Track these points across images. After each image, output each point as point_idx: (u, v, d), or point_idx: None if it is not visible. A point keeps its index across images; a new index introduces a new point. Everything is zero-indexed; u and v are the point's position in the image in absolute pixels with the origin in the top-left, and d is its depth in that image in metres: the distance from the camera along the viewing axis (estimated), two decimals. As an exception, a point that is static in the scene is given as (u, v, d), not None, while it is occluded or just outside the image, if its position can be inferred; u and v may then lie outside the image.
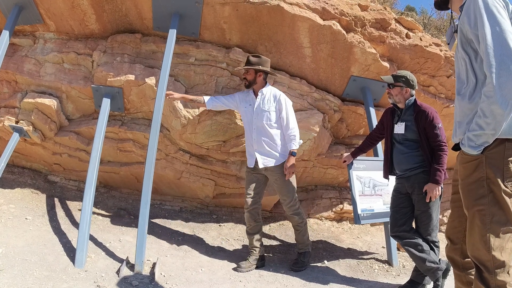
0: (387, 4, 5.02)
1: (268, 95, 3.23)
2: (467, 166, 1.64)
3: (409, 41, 3.99)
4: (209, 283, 2.82)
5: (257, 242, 3.29)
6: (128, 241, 3.38)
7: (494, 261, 1.55)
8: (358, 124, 4.44)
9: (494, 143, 1.54)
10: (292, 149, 3.13)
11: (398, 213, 2.92)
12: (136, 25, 3.66)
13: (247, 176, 3.33)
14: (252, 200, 3.25)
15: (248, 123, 3.27)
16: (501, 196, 1.55)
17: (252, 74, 3.20)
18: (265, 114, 3.17)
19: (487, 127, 1.48)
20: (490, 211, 1.56)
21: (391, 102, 2.98)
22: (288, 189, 3.22)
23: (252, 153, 3.24)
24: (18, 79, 3.70)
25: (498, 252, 1.55)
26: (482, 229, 1.57)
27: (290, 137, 3.15)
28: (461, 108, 1.67)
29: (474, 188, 1.61)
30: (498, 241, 1.55)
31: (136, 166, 4.00)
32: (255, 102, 3.23)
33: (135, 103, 3.73)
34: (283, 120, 3.18)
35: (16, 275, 2.50)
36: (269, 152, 3.19)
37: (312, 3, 3.53)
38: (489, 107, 1.45)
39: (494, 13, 1.46)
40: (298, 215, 3.28)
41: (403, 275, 3.35)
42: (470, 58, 1.62)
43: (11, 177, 4.09)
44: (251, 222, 3.28)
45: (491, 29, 1.45)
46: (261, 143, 3.19)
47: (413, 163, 2.83)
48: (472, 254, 1.64)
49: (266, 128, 3.18)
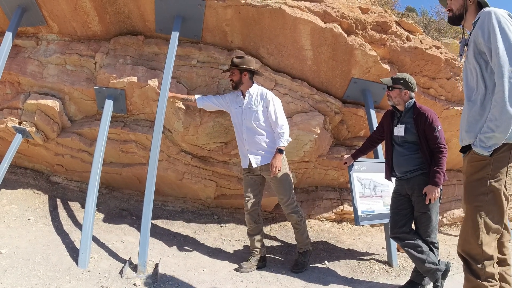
0: (387, 6, 5.06)
1: (255, 95, 3.23)
2: (474, 165, 1.79)
3: (409, 43, 4.02)
4: (211, 284, 2.85)
5: (258, 243, 3.31)
6: (130, 241, 3.40)
7: (483, 255, 1.72)
8: (359, 126, 4.46)
9: (503, 149, 1.71)
10: (279, 146, 3.10)
11: (398, 214, 2.94)
12: (138, 27, 3.69)
13: (244, 179, 3.35)
14: (251, 202, 3.28)
15: (238, 124, 3.29)
16: (500, 197, 1.71)
17: (237, 74, 3.21)
18: (253, 114, 3.18)
19: (497, 130, 1.65)
20: (487, 208, 1.72)
21: (391, 104, 3.01)
22: (284, 187, 3.23)
23: (245, 154, 3.26)
24: (21, 81, 3.73)
25: (487, 247, 1.72)
26: (476, 224, 1.73)
27: (278, 134, 3.12)
28: (472, 113, 1.81)
29: (476, 185, 1.76)
30: (487, 238, 1.72)
31: (138, 167, 4.03)
32: (244, 103, 3.25)
33: (137, 105, 3.76)
34: (271, 117, 3.15)
35: (20, 275, 2.52)
36: (260, 151, 3.20)
37: (313, 6, 3.56)
38: (499, 112, 1.64)
39: (506, 31, 1.68)
40: (297, 213, 3.29)
41: (403, 276, 3.38)
42: (481, 68, 1.79)
43: (14, 177, 4.11)
44: (251, 224, 3.30)
45: (504, 44, 1.66)
46: (252, 143, 3.20)
47: (413, 165, 2.85)
48: (462, 248, 1.81)
49: (255, 128, 3.18)
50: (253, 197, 3.29)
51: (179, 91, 3.56)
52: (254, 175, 3.31)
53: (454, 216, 5.70)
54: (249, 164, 3.24)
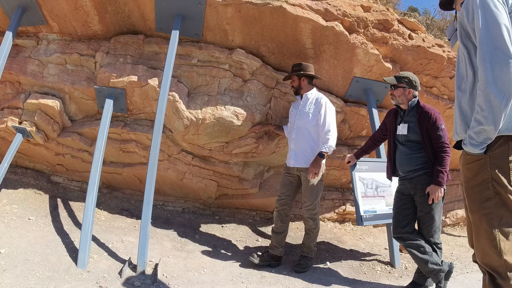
0: (389, 5, 5.02)
1: (312, 98, 3.36)
2: (470, 167, 1.58)
3: (412, 42, 3.98)
4: (211, 284, 2.82)
5: (278, 243, 3.37)
6: (131, 241, 3.38)
7: (506, 266, 1.49)
8: (361, 125, 4.43)
9: (498, 143, 1.49)
10: (322, 150, 3.16)
11: (401, 214, 2.91)
12: (139, 26, 3.67)
13: (282, 178, 3.46)
14: (282, 201, 3.38)
15: (291, 123, 3.44)
16: (507, 197, 1.49)
17: (296, 80, 3.39)
18: (306, 115, 3.30)
19: (485, 122, 1.43)
20: (497, 213, 1.51)
21: (394, 103, 2.98)
22: (312, 192, 3.27)
23: (290, 154, 3.37)
24: (21, 80, 3.72)
25: (510, 255, 1.49)
26: (491, 233, 1.51)
27: (324, 139, 3.20)
28: (463, 104, 1.63)
29: (479, 190, 1.55)
30: (508, 244, 1.49)
31: (138, 167, 4.01)
32: (300, 105, 3.38)
33: (137, 104, 3.74)
34: (319, 120, 3.25)
35: (18, 275, 2.50)
36: (303, 153, 3.28)
37: (314, 4, 3.53)
38: (484, 101, 1.42)
39: (490, 7, 1.45)
40: (314, 220, 3.32)
41: (405, 277, 3.34)
42: (469, 52, 1.59)
43: (15, 177, 4.11)
44: (278, 222, 3.39)
45: (486, 23, 1.44)
46: (297, 143, 3.32)
47: (416, 164, 2.82)
48: (482, 261, 1.58)
49: (304, 129, 3.29)
50: (284, 197, 3.39)
51: (180, 90, 3.54)
52: (291, 176, 3.40)
53: (458, 216, 5.64)
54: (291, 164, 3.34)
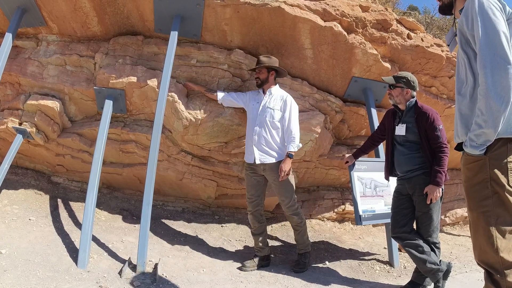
0: (389, 4, 5.03)
1: (276, 95, 3.32)
2: (470, 167, 1.66)
3: (410, 41, 3.99)
4: (210, 284, 2.84)
5: (262, 243, 3.35)
6: (131, 241, 3.40)
7: (503, 263, 1.55)
8: (360, 125, 4.44)
9: (498, 144, 1.56)
10: (289, 150, 3.15)
11: (399, 214, 2.92)
12: (138, 27, 3.68)
13: (247, 180, 3.38)
14: (254, 202, 3.31)
15: (252, 119, 3.35)
16: (505, 197, 1.56)
17: (264, 73, 3.31)
18: (269, 111, 3.25)
19: (485, 125, 1.51)
20: (494, 212, 1.57)
21: (392, 103, 2.99)
22: (286, 189, 3.24)
23: (251, 149, 3.28)
24: (21, 81, 3.73)
25: (506, 253, 1.56)
26: (488, 231, 1.58)
27: (289, 138, 3.18)
28: (463, 108, 1.69)
29: (478, 189, 1.62)
30: (505, 242, 1.56)
31: (138, 167, 4.03)
32: (262, 100, 3.32)
33: (137, 105, 3.76)
34: (285, 120, 3.22)
35: (19, 275, 2.52)
36: (267, 149, 3.23)
37: (313, 5, 3.54)
38: (485, 105, 1.50)
39: (489, 15, 1.52)
40: (297, 215, 3.31)
41: (404, 276, 3.35)
42: (469, 58, 1.66)
43: (15, 178, 4.13)
44: (255, 224, 3.34)
45: (485, 30, 1.51)
46: (260, 139, 3.24)
47: (414, 164, 2.83)
48: (479, 259, 1.64)
49: (268, 125, 3.23)
50: (255, 198, 3.32)
51: (179, 90, 3.56)
52: (256, 176, 3.33)
53: (457, 216, 5.65)
54: (254, 160, 3.26)
